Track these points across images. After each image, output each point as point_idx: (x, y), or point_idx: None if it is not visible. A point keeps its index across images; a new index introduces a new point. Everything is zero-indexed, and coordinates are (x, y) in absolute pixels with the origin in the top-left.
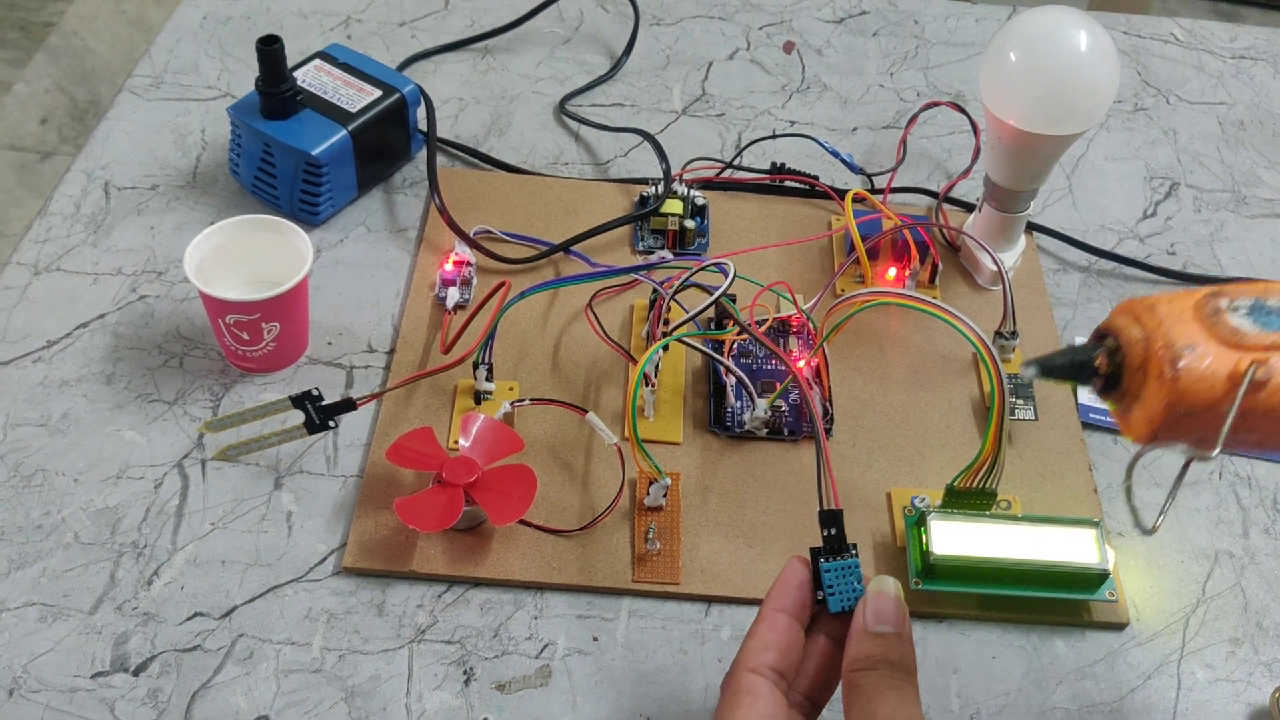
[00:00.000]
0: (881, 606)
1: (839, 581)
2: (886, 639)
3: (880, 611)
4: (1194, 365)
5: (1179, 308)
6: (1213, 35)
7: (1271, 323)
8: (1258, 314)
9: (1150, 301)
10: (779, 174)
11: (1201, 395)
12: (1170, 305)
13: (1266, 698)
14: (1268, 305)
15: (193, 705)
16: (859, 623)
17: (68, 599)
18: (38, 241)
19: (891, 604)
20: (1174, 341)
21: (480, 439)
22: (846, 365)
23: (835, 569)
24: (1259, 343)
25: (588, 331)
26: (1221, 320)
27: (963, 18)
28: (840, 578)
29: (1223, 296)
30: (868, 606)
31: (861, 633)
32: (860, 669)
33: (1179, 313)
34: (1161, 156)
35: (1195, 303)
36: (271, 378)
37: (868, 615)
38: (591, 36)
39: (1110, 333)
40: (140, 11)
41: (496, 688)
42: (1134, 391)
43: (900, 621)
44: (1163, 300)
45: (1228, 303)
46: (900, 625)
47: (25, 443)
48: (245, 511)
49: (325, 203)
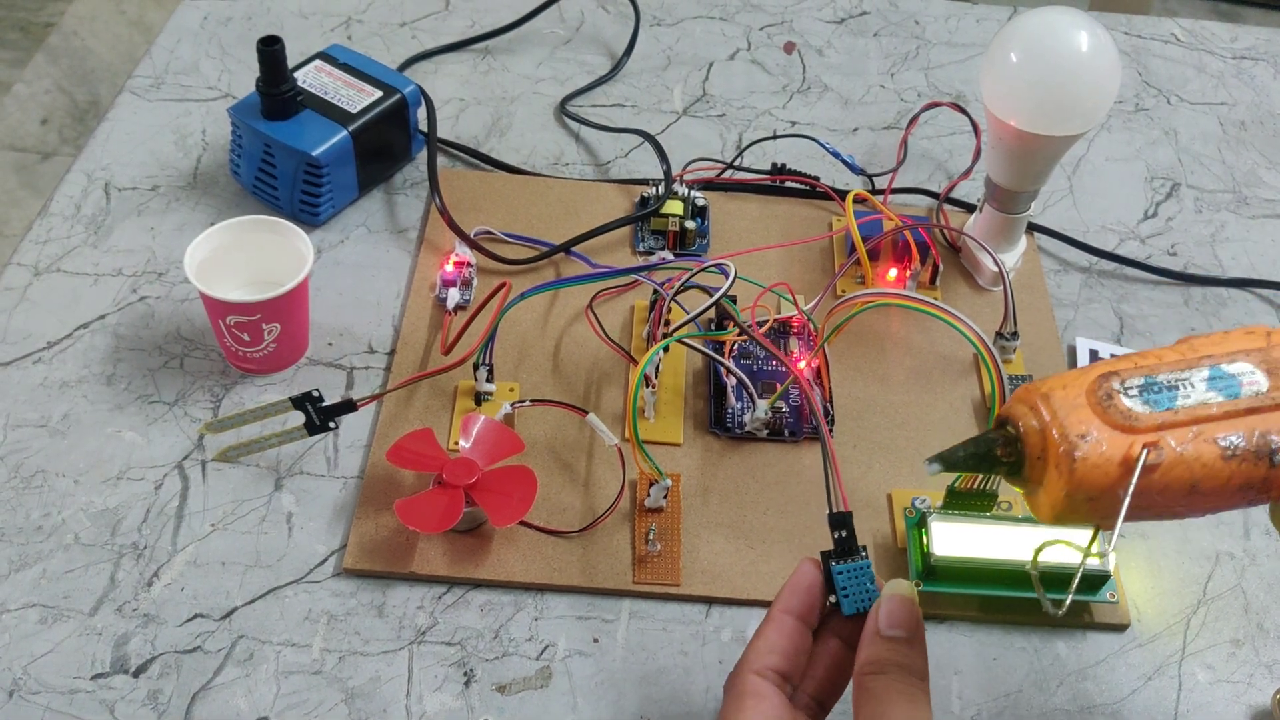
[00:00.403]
0: (895, 610)
1: (852, 584)
2: (899, 643)
3: (894, 615)
4: (1089, 454)
5: (1073, 394)
6: (1213, 36)
7: (1160, 401)
8: (1148, 393)
9: (1046, 389)
10: (780, 175)
11: (1098, 481)
12: (1065, 392)
13: (1268, 699)
14: (1157, 382)
15: (193, 707)
16: (872, 626)
17: (68, 600)
18: (38, 242)
19: (906, 608)
20: (1069, 431)
21: (481, 440)
22: (847, 366)
23: (848, 571)
24: (1150, 423)
25: (588, 332)
26: (1114, 404)
27: (963, 18)
28: (853, 580)
29: (1115, 377)
30: (881, 609)
31: (874, 636)
32: (872, 672)
33: (1073, 399)
34: (1162, 157)
35: (1089, 386)
36: (272, 379)
37: (881, 618)
38: (592, 37)
39: (1009, 420)
40: (140, 12)
41: (497, 689)
42: (1035, 479)
43: (914, 626)
44: (1058, 386)
45: (1119, 384)
46: (913, 630)
47: (25, 444)
48: (245, 513)
49: (326, 203)
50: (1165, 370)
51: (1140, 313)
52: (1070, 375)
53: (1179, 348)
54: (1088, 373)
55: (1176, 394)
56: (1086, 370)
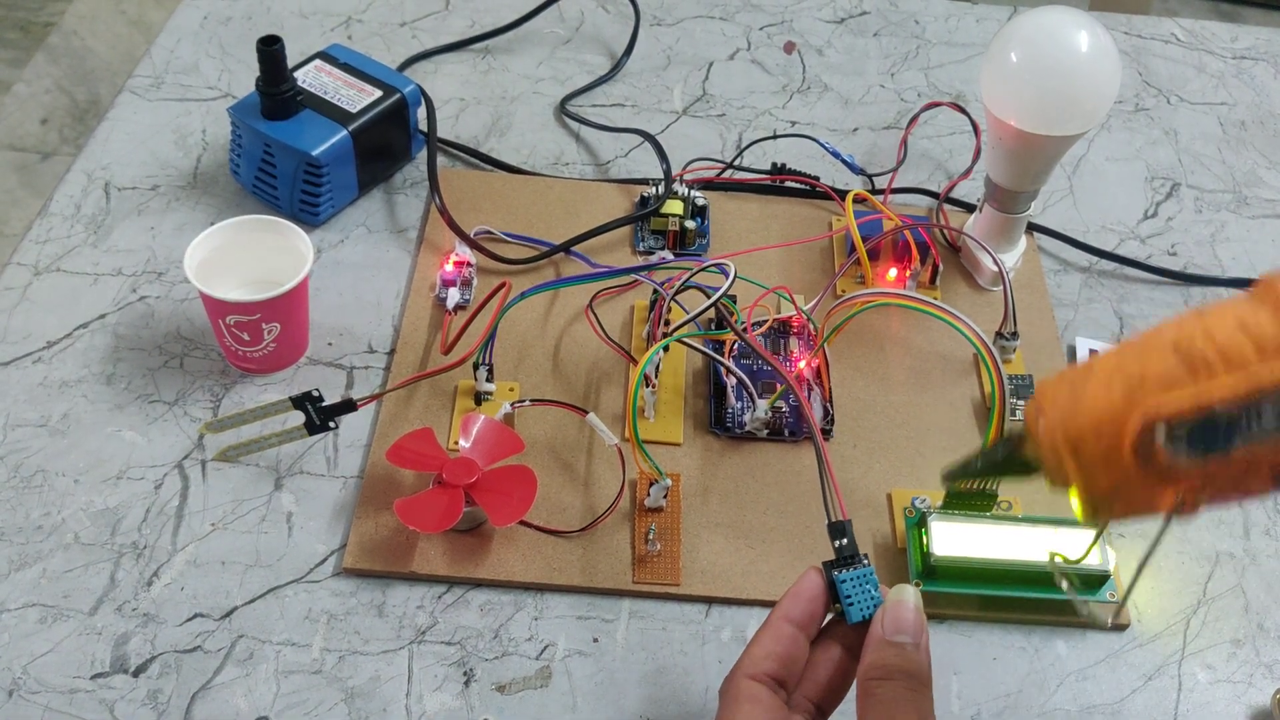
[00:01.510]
0: (900, 616)
1: (856, 591)
2: (904, 649)
3: (899, 621)
4: (1115, 511)
5: (1105, 444)
6: (1214, 35)
7: (1215, 443)
8: (1198, 439)
9: (1076, 432)
10: (780, 174)
11: (1123, 517)
12: (1097, 444)
13: (1268, 699)
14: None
15: (193, 706)
16: (876, 631)
17: (68, 600)
18: (38, 242)
19: (911, 614)
20: (1094, 490)
21: (481, 440)
22: (847, 366)
23: (852, 579)
24: (1193, 471)
25: (588, 332)
26: (1153, 460)
27: (963, 18)
28: (857, 588)
29: (1160, 427)
30: (886, 615)
31: (879, 641)
32: (876, 678)
33: (1104, 452)
34: (1162, 157)
35: (1130, 440)
36: (272, 378)
37: (886, 624)
38: (592, 37)
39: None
40: (140, 12)
41: (497, 689)
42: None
43: (918, 632)
44: (1089, 432)
45: (1165, 434)
46: (918, 636)
47: (25, 443)
48: (245, 512)
49: (325, 203)
50: (1228, 404)
51: (1140, 313)
52: (1105, 410)
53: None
54: (1129, 412)
55: (1235, 432)
56: (1128, 404)
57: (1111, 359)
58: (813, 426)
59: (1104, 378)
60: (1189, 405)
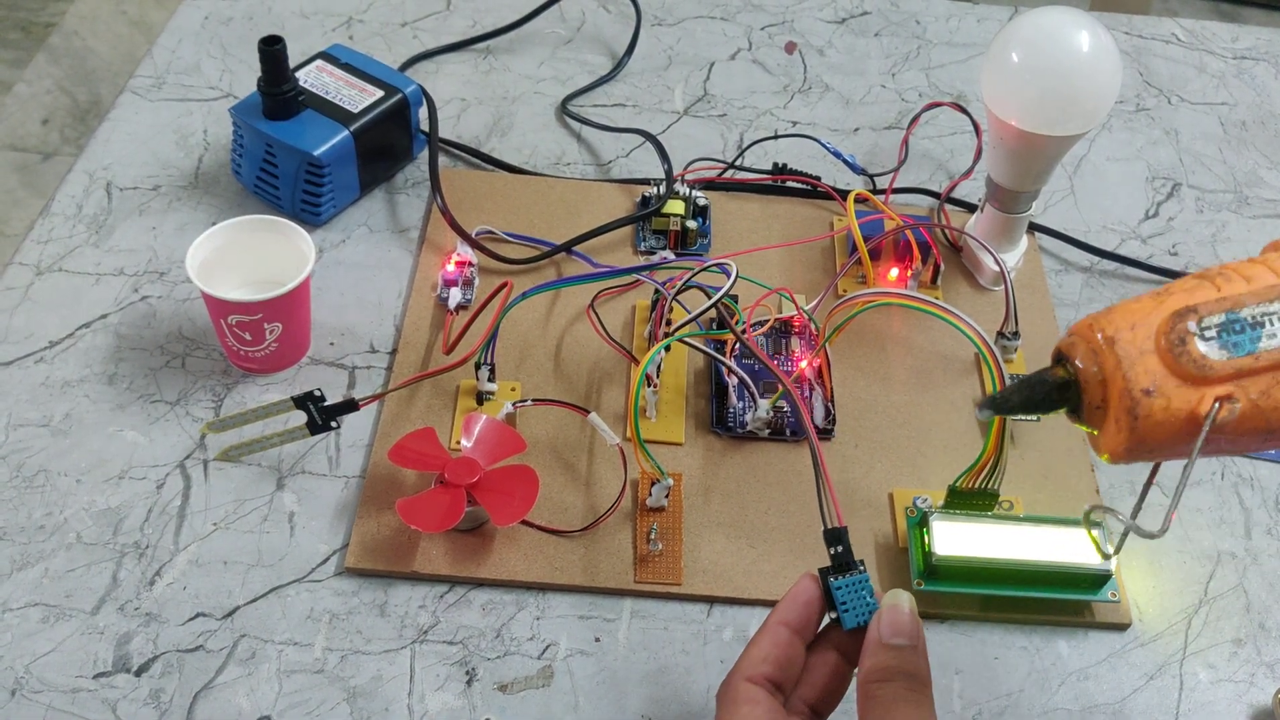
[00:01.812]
0: (897, 619)
1: (851, 598)
2: (902, 651)
3: (896, 624)
4: (1153, 412)
5: (1141, 336)
6: (1214, 36)
7: (1242, 344)
8: (1227, 335)
9: (1112, 329)
10: (781, 174)
11: (1161, 438)
12: (1132, 335)
13: (1269, 699)
14: (1240, 318)
15: (195, 706)
16: (874, 635)
17: (70, 599)
18: (40, 242)
19: (906, 617)
20: (1132, 385)
21: (482, 439)
22: (849, 366)
23: (846, 585)
24: (1225, 372)
25: (590, 332)
26: (1187, 352)
27: (964, 18)
28: (852, 594)
29: (1191, 316)
30: (883, 620)
31: (877, 645)
32: (877, 680)
33: (1140, 344)
34: (1163, 157)
35: (1160, 328)
36: (274, 378)
37: (883, 628)
38: (593, 37)
39: (1067, 358)
40: (141, 12)
41: (499, 688)
42: (1094, 423)
43: (915, 633)
44: (1124, 326)
45: (1196, 325)
46: (915, 637)
47: (27, 443)
48: (247, 512)
49: (327, 203)
50: (1251, 303)
51: None
52: (1140, 309)
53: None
54: (1160, 306)
55: (1261, 333)
56: (1160, 301)
57: (1138, 298)
58: (809, 431)
59: (1133, 301)
60: (1216, 301)
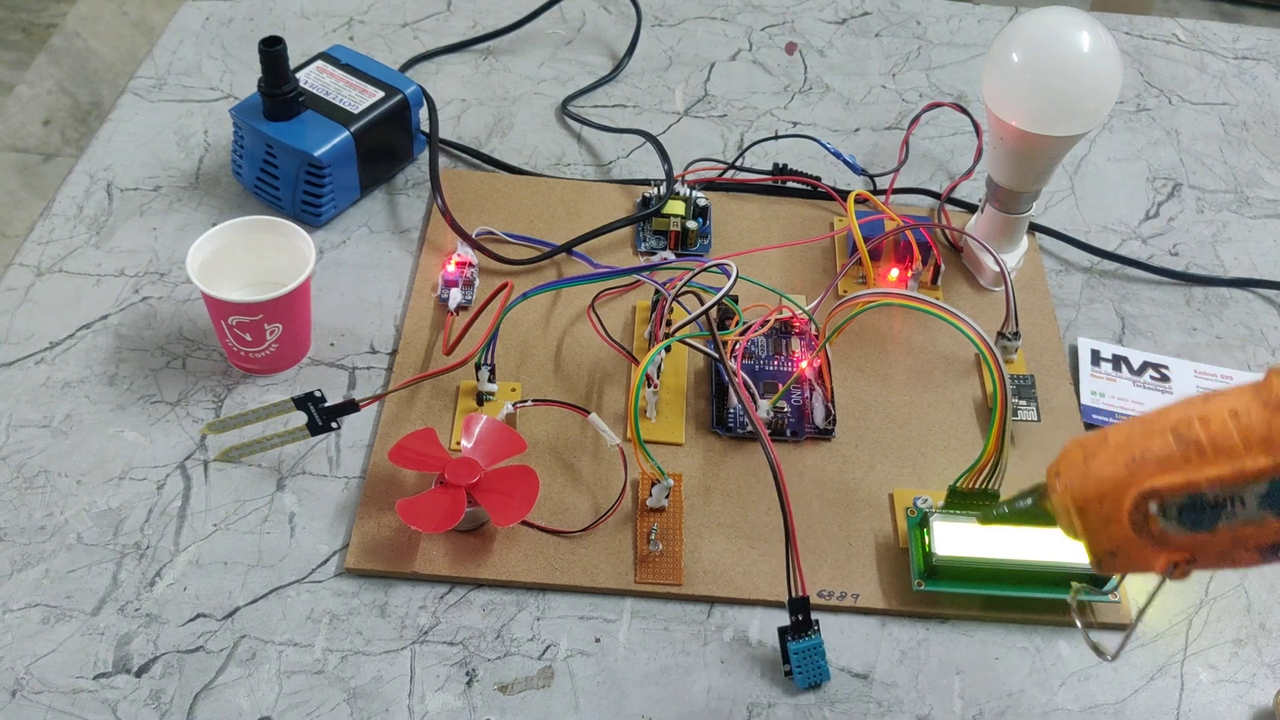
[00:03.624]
0: None
1: (805, 661)
2: None
3: None
4: (1115, 565)
5: (1109, 508)
6: (1215, 36)
7: (1201, 522)
8: (1187, 514)
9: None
10: (781, 175)
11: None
12: (1100, 507)
13: (1270, 699)
14: (1202, 499)
15: (195, 706)
16: None
17: (70, 600)
18: (40, 243)
19: None
20: (1097, 546)
21: (483, 440)
22: (849, 366)
23: (802, 650)
24: (1183, 542)
25: (590, 332)
26: (1148, 528)
27: (965, 18)
28: (807, 659)
29: (1155, 499)
30: None
31: None
32: None
33: (1108, 513)
34: (1164, 157)
35: (1126, 505)
36: (274, 379)
37: None
38: (593, 37)
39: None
40: (142, 13)
41: (499, 689)
42: None
43: None
44: (1094, 497)
45: (1158, 507)
46: None
47: (28, 444)
48: (248, 513)
49: (327, 204)
50: (1213, 488)
51: (1142, 313)
52: (1109, 481)
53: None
54: (1129, 486)
55: (1221, 513)
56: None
57: (1122, 432)
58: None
59: (1112, 451)
60: (1180, 485)
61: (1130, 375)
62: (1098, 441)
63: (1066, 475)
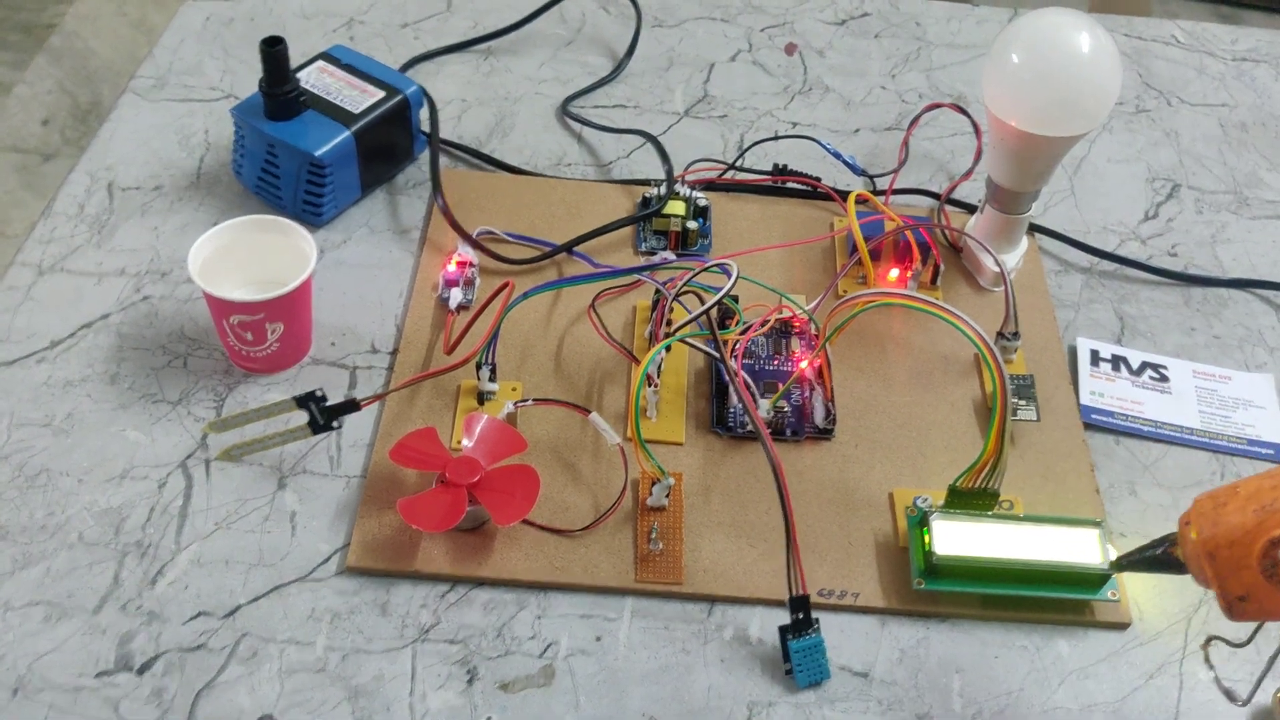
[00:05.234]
0: None
1: (805, 660)
2: None
3: None
4: (1247, 610)
5: (1239, 553)
6: (1214, 37)
7: None
8: None
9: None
10: (781, 175)
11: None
12: (1230, 552)
13: (1269, 698)
14: None
15: (196, 704)
16: None
17: (72, 599)
18: (42, 242)
19: None
20: (1228, 591)
21: (483, 439)
22: (849, 366)
23: (803, 648)
24: None
25: (590, 332)
26: (1277, 574)
27: (964, 20)
28: (807, 657)
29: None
30: None
31: None
32: None
33: (1239, 559)
34: (1163, 158)
35: (1255, 551)
36: (275, 378)
37: None
38: (594, 38)
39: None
40: (142, 13)
41: (500, 687)
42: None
43: None
44: (1223, 544)
45: None
46: None
47: (29, 443)
48: (249, 512)
49: (328, 203)
50: None
51: (1141, 313)
52: (1239, 529)
53: None
54: (1260, 527)
55: None
56: (1259, 527)
57: (1252, 484)
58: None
59: (1242, 501)
60: None
61: (1129, 375)
62: (1228, 493)
63: (1198, 523)
